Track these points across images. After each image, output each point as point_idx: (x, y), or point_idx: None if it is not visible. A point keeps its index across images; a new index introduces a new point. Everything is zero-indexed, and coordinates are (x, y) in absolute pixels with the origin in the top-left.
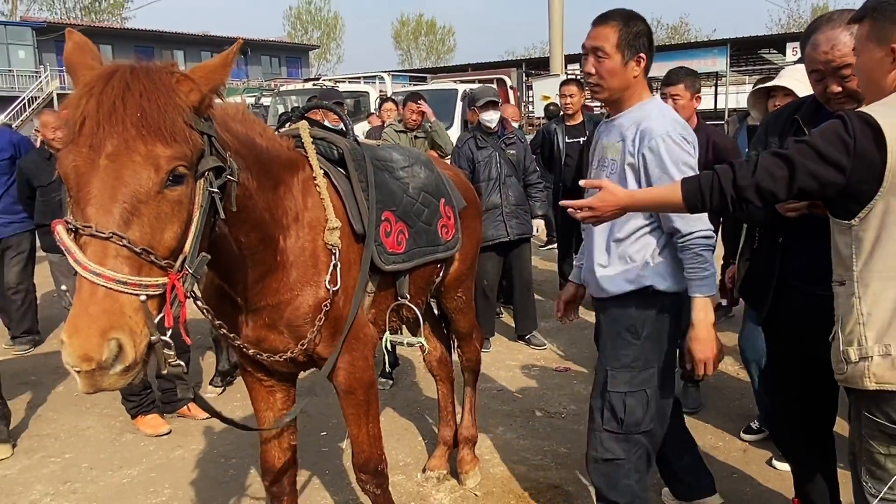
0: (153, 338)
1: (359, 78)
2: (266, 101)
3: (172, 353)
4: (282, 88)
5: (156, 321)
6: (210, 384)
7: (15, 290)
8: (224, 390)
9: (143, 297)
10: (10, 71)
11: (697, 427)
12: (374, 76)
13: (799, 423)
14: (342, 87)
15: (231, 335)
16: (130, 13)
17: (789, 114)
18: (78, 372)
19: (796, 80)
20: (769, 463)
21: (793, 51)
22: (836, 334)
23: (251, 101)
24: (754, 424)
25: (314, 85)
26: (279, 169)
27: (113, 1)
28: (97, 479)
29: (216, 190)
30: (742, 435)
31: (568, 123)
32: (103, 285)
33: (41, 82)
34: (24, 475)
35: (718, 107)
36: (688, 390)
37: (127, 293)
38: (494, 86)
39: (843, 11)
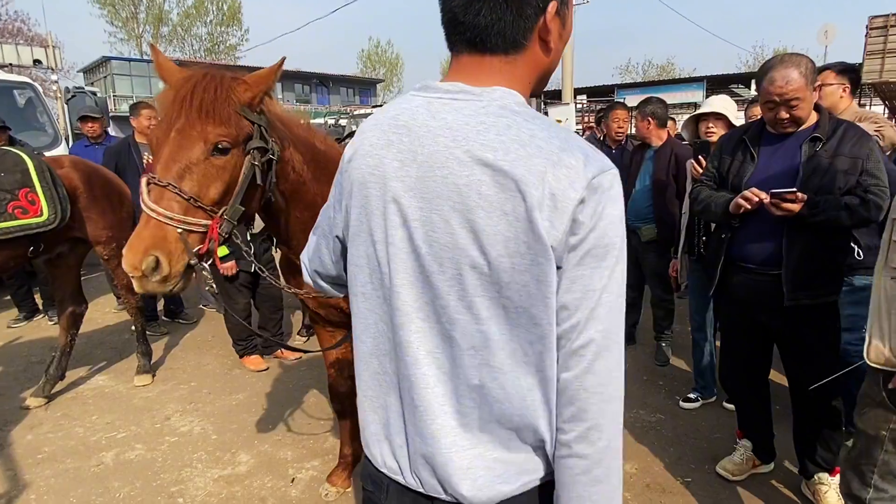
0: (192, 261)
1: None
2: (343, 122)
3: (210, 277)
4: (355, 112)
5: (194, 250)
6: (297, 334)
7: None
8: (308, 339)
9: (180, 230)
10: (152, 97)
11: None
12: None
13: (743, 371)
14: None
15: (297, 291)
16: (241, 54)
17: (740, 135)
18: (131, 277)
19: (720, 106)
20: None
21: (756, 86)
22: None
23: (332, 121)
24: (692, 395)
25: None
26: (333, 168)
27: (229, 45)
28: (214, 401)
29: (258, 164)
30: (681, 404)
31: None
32: (155, 218)
33: None
34: (161, 397)
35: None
36: (660, 347)
37: (171, 226)
38: None
39: (794, 55)
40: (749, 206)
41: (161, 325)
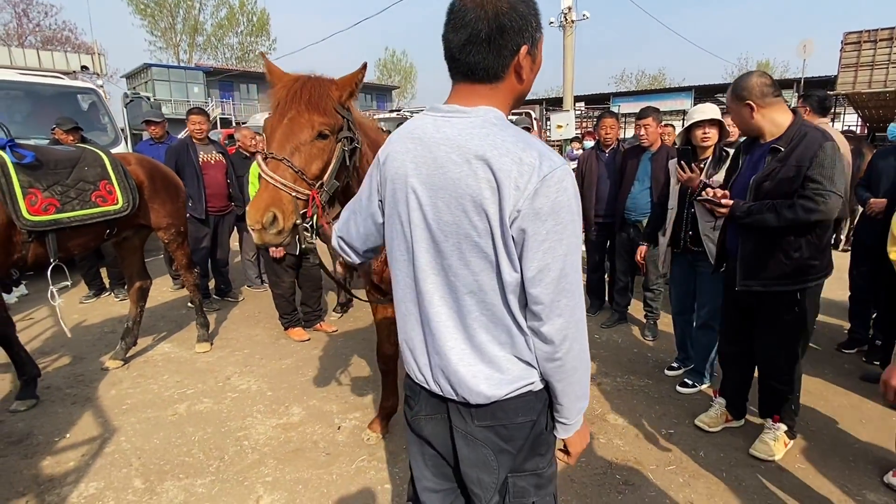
0: (298, 221)
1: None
2: None
3: (309, 234)
4: (375, 117)
5: (301, 212)
6: (333, 311)
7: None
8: (341, 316)
9: (292, 194)
10: (188, 101)
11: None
12: None
13: (730, 340)
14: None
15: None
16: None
17: (741, 146)
18: (253, 230)
19: (715, 113)
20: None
21: None
22: None
23: None
24: (675, 364)
25: (397, 115)
26: None
27: (258, 53)
28: (266, 364)
29: (346, 149)
30: (665, 372)
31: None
32: (273, 184)
33: (209, 109)
34: (220, 362)
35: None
36: (648, 325)
37: (284, 191)
38: (528, 117)
39: (715, 99)
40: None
41: (213, 302)
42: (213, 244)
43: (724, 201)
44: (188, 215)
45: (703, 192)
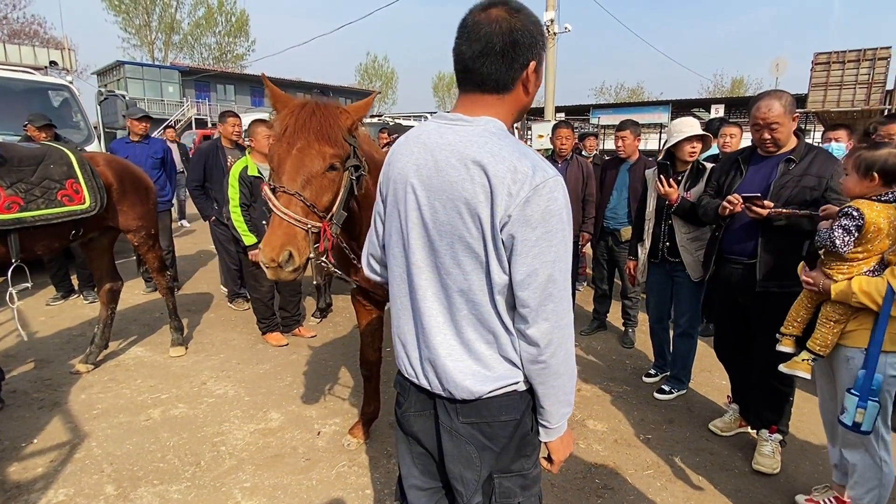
0: (311, 255)
1: (409, 116)
2: None
3: (327, 264)
4: None
5: (314, 246)
6: (312, 316)
7: (166, 250)
8: (320, 321)
9: (306, 229)
10: (162, 100)
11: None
12: (420, 115)
13: (730, 344)
14: (404, 122)
15: (348, 278)
16: (247, 63)
17: (736, 157)
18: (267, 268)
19: (699, 128)
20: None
21: (715, 110)
22: None
23: None
24: (652, 371)
25: (379, 120)
26: None
27: (236, 54)
28: (243, 369)
29: (353, 178)
30: (643, 378)
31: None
32: (286, 220)
33: (184, 109)
34: (195, 366)
35: (661, 147)
36: (627, 333)
37: (298, 227)
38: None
39: (778, 90)
40: (730, 208)
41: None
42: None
43: (766, 202)
44: (213, 218)
45: (731, 198)
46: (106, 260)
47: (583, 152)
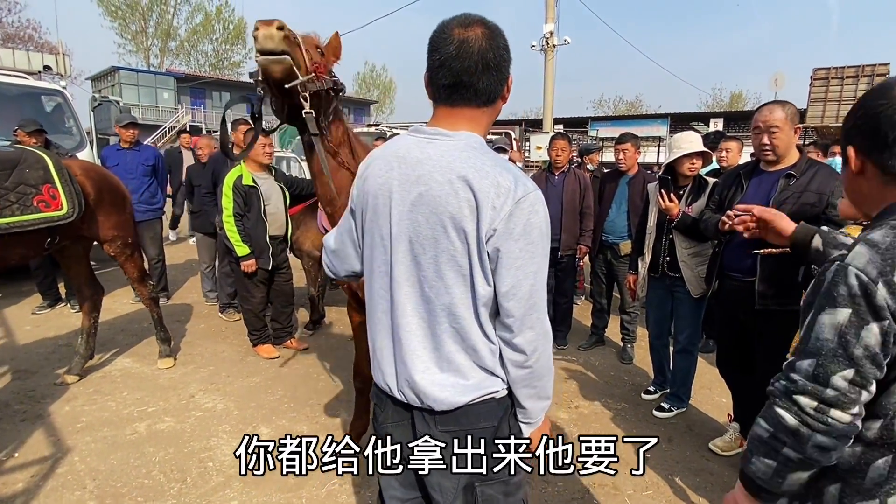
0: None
1: (407, 125)
2: None
3: (307, 102)
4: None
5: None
6: (304, 328)
7: (155, 259)
8: (312, 333)
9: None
10: (157, 107)
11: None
12: (422, 126)
13: (731, 361)
14: (401, 132)
15: (344, 284)
16: (244, 70)
17: (737, 171)
18: (262, 25)
19: (701, 145)
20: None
21: (714, 124)
22: None
23: None
24: (651, 388)
25: (375, 129)
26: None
27: (233, 61)
28: (232, 382)
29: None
30: (642, 395)
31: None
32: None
33: (178, 116)
34: (184, 378)
35: (660, 161)
36: (625, 348)
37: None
38: (507, 137)
39: (781, 100)
40: (729, 223)
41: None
42: None
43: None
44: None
45: (731, 213)
46: (82, 268)
47: (588, 166)
